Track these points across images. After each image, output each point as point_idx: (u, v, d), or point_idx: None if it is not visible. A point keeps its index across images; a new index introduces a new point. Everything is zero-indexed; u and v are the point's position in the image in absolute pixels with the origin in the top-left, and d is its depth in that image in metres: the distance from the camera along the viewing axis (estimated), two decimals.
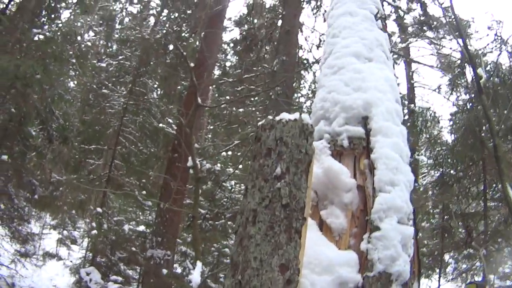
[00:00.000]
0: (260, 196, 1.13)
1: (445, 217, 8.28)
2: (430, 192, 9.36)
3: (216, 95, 13.45)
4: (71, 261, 9.86)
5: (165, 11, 13.71)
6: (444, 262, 8.49)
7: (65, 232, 11.80)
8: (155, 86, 12.02)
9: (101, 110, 10.70)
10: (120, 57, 11.44)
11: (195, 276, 4.13)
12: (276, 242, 0.98)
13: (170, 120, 10.91)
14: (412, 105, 10.83)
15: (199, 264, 4.38)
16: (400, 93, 3.15)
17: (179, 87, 12.47)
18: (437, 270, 8.53)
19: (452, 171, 8.05)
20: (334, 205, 1.84)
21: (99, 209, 9.04)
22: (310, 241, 1.34)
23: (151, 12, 14.36)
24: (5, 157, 7.67)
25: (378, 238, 1.64)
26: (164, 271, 7.52)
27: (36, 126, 8.96)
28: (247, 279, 0.88)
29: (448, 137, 9.71)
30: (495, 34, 8.59)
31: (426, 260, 8.31)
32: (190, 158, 5.78)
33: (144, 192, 9.93)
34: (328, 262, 1.43)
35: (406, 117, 9.30)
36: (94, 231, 8.35)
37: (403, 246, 1.67)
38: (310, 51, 10.68)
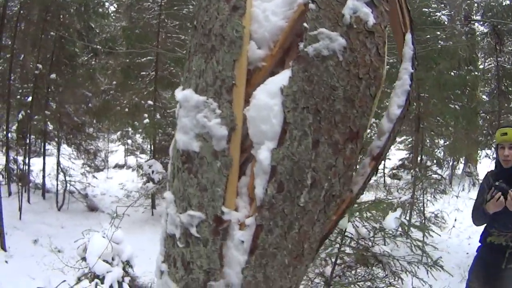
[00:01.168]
0: None
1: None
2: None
3: None
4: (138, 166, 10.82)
5: None
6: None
7: (129, 142, 12.86)
8: None
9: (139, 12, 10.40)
10: None
11: None
12: None
13: None
14: None
15: None
16: None
17: None
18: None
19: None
20: None
21: (150, 102, 9.62)
22: None
23: None
24: (53, 75, 8.23)
25: None
26: None
27: (80, 44, 9.24)
28: (200, 20, 0.95)
29: None
30: None
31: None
32: None
33: None
34: None
35: None
36: (147, 120, 9.07)
37: None
38: None
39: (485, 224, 2.46)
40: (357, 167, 1.06)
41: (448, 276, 2.74)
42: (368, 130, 0.98)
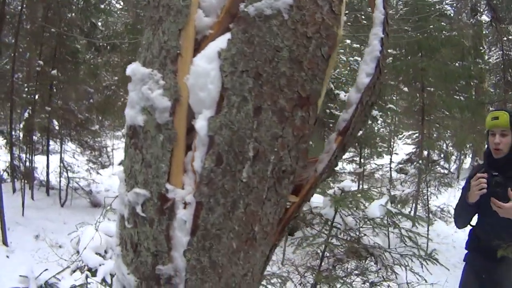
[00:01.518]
0: None
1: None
2: None
3: None
4: None
5: None
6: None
7: None
8: None
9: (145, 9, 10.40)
10: None
11: None
12: None
13: None
14: None
15: None
16: None
17: None
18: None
19: None
20: None
21: None
22: None
23: None
24: (54, 71, 8.24)
25: None
26: None
27: (82, 40, 9.27)
28: None
29: None
30: None
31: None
32: None
33: None
34: None
35: None
36: None
37: None
38: None
39: (469, 228, 2.13)
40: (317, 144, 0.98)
41: (447, 270, 2.64)
42: None
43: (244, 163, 0.76)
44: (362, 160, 8.40)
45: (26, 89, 9.13)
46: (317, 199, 2.52)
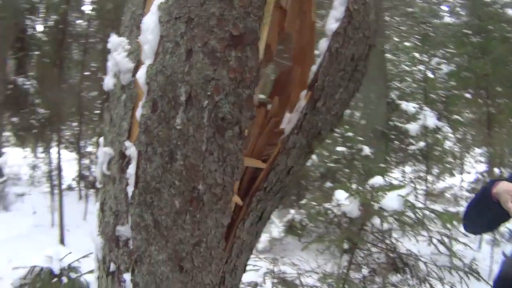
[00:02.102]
0: None
1: None
2: None
3: None
4: None
5: None
6: None
7: None
8: None
9: None
10: None
11: None
12: None
13: None
14: None
15: None
16: None
17: None
18: None
19: None
20: None
21: None
22: None
23: None
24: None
25: None
26: None
27: None
28: None
29: None
30: None
31: None
32: None
33: None
34: None
35: None
36: None
37: None
38: None
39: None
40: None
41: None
42: None
43: (177, 108, 0.71)
44: (429, 177, 7.74)
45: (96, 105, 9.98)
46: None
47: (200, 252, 0.82)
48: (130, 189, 0.82)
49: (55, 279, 1.94)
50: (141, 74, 0.74)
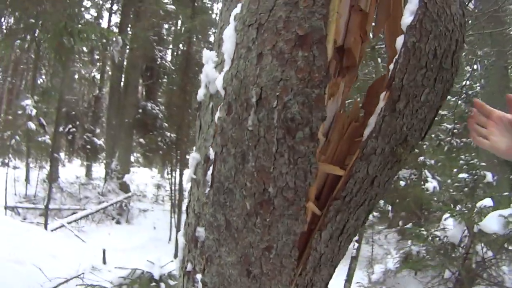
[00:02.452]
0: None
1: None
2: None
3: None
4: None
5: None
6: None
7: None
8: None
9: None
10: None
11: None
12: None
13: None
14: None
15: None
16: None
17: None
18: None
19: None
20: None
21: None
22: None
23: None
24: None
25: None
26: None
27: None
28: None
29: None
30: None
31: None
32: None
33: None
34: None
35: None
36: None
37: None
38: None
39: None
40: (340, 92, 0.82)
41: None
42: None
43: (249, 110, 0.74)
44: None
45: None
46: None
47: (269, 259, 0.81)
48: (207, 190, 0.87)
49: (154, 284, 2.12)
50: (219, 80, 0.80)
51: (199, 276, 0.93)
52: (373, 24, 0.91)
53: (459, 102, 6.38)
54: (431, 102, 0.78)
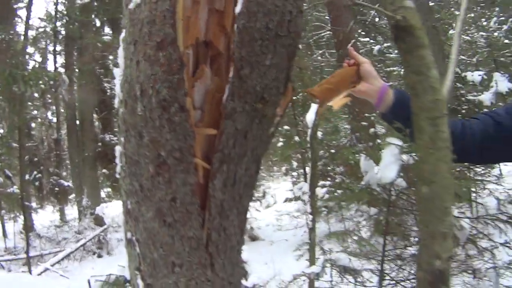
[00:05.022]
0: None
1: None
2: None
3: None
4: None
5: None
6: None
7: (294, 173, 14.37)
8: None
9: None
10: None
11: None
12: None
13: None
14: None
15: None
16: None
17: None
18: None
19: None
20: None
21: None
22: None
23: None
24: None
25: None
26: None
27: None
28: None
29: None
30: None
31: None
32: None
33: None
34: None
35: None
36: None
37: None
38: None
39: None
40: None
41: None
42: None
43: (137, 101, 1.03)
44: None
45: None
46: None
47: (176, 208, 1.08)
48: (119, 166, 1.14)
49: (128, 284, 2.34)
50: (118, 87, 1.09)
51: (134, 238, 1.19)
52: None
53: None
54: (277, 65, 1.06)
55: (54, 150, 14.43)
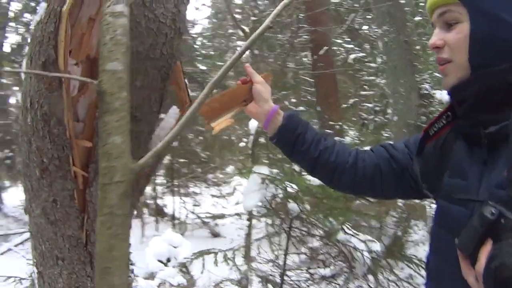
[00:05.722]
0: None
1: None
2: None
3: None
4: None
5: None
6: None
7: None
8: None
9: None
10: None
11: None
12: None
13: None
14: None
15: None
16: None
17: None
18: None
19: None
20: None
21: None
22: None
23: None
24: None
25: None
26: None
27: None
28: None
29: None
30: None
31: None
32: None
33: None
34: None
35: None
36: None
37: None
38: None
39: None
40: None
41: None
42: None
43: (28, 112, 1.17)
44: None
45: None
46: None
47: (57, 209, 1.20)
48: None
49: None
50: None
51: (29, 230, 1.32)
52: None
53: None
54: (150, 85, 1.15)
55: None
